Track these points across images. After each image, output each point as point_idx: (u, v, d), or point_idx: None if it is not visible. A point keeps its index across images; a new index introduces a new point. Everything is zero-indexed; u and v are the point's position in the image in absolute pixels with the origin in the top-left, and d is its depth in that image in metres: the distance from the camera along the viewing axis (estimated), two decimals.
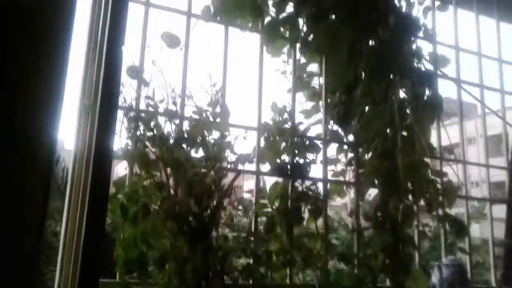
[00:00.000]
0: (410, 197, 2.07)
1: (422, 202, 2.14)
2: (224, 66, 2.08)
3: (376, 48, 1.77)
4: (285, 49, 2.34)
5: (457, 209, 2.45)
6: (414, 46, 2.40)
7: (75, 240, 1.51)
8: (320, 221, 2.12)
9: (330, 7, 1.74)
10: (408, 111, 2.06)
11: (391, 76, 1.79)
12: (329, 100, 2.37)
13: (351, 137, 2.35)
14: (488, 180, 2.74)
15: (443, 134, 2.46)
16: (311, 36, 1.93)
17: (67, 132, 1.72)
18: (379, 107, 1.78)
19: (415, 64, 2.30)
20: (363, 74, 1.91)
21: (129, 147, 1.66)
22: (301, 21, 2.02)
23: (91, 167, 1.53)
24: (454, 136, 2.80)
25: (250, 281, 1.83)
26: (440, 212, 2.02)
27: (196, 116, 1.89)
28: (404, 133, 1.89)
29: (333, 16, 1.76)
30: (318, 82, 2.41)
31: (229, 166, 1.86)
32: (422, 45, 2.52)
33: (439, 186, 1.99)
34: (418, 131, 1.78)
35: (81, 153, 1.60)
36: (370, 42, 1.78)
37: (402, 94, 2.18)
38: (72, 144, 1.66)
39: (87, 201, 1.46)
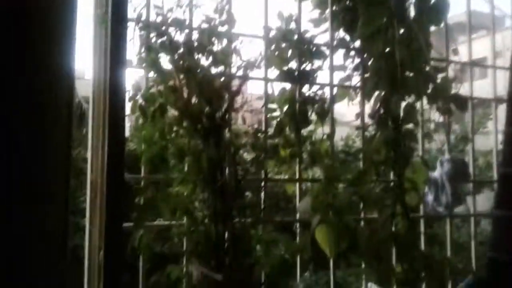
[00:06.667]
0: (412, 96, 2.16)
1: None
2: None
3: None
4: None
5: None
6: None
7: (100, 159, 1.67)
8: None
9: None
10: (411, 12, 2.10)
11: None
12: (335, 7, 2.41)
13: (358, 43, 2.41)
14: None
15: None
16: None
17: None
18: (379, 7, 1.83)
19: None
20: None
21: (143, 55, 1.80)
22: None
23: (108, 82, 1.59)
24: (480, 50, 2.79)
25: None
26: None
27: (205, 25, 1.98)
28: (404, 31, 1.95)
29: None
30: None
31: (237, 72, 1.98)
32: None
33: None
34: (416, 30, 1.83)
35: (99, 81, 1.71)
36: None
37: None
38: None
39: (107, 121, 1.54)
